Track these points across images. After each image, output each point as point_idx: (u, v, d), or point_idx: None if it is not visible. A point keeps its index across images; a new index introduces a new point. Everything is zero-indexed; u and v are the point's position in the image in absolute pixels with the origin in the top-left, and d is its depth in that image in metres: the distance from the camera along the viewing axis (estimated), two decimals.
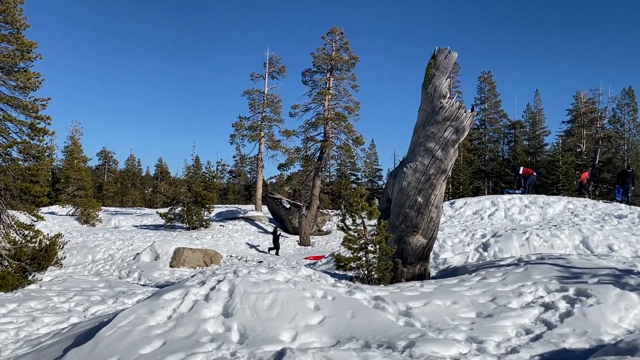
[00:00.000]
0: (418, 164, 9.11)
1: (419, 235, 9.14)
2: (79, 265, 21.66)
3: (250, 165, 65.49)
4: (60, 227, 29.52)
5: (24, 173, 20.18)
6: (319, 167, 31.72)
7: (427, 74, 9.24)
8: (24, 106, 20.04)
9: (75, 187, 42.35)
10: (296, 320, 6.43)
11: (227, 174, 75.27)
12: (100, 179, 63.15)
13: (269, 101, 39.30)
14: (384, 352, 5.32)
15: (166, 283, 17.20)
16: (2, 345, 8.52)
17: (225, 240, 28.00)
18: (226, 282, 7.36)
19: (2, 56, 19.65)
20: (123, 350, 5.93)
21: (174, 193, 33.63)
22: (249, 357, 5.44)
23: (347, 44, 33.22)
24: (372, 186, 58.83)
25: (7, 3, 19.54)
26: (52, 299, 12.65)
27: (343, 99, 33.07)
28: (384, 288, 8.16)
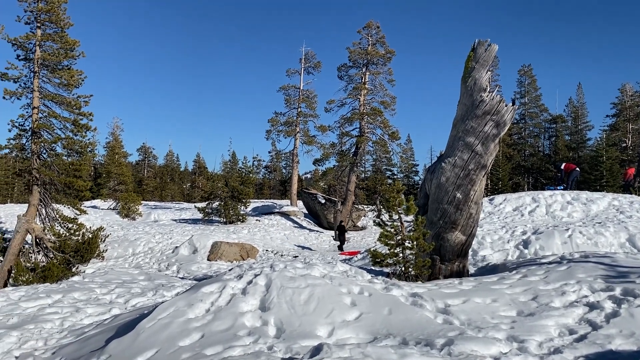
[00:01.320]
0: (457, 159, 8.94)
1: (458, 231, 8.98)
2: (120, 258, 22.22)
3: (286, 161, 65.90)
4: (102, 221, 30.36)
5: (68, 168, 20.84)
6: (354, 162, 31.61)
7: (466, 67, 9.05)
8: (68, 103, 20.68)
9: (116, 182, 43.51)
10: (332, 315, 6.41)
11: (262, 169, 75.95)
12: (141, 174, 64.65)
13: (305, 96, 39.35)
14: (422, 350, 5.24)
15: (204, 276, 17.47)
16: (48, 334, 8.81)
17: (261, 235, 28.25)
18: (263, 276, 7.40)
19: (47, 54, 20.29)
20: (163, 342, 6.03)
21: (211, 188, 34.14)
22: (286, 351, 5.46)
23: (383, 38, 32.96)
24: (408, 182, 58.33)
25: (51, 3, 20.15)
26: (95, 291, 13.00)
27: (379, 93, 32.85)
28: (421, 285, 8.05)
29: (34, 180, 19.74)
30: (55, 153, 21.00)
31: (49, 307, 11.08)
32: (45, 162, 20.31)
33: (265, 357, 5.07)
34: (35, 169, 19.71)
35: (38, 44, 20.20)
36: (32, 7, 20.07)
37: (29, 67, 20.45)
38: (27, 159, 20.79)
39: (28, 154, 20.63)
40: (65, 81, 20.45)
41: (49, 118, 20.65)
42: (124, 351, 6.07)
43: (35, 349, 7.91)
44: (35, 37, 20.09)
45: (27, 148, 20.67)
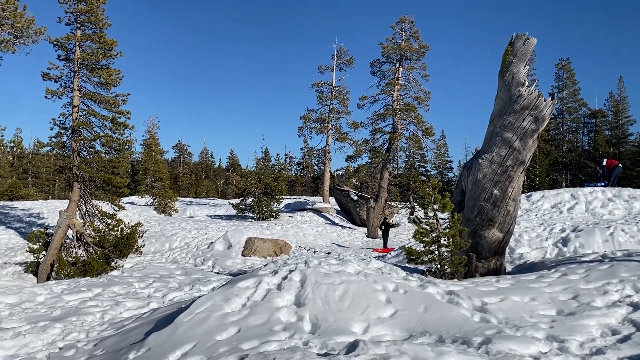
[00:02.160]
0: (494, 155, 8.78)
1: (495, 229, 8.83)
2: (157, 253, 22.67)
3: (318, 158, 65.92)
4: (139, 217, 31.04)
5: (107, 165, 21.40)
6: (387, 159, 31.39)
7: (504, 61, 8.87)
8: (106, 101, 21.21)
9: (153, 179, 44.41)
10: (367, 312, 6.39)
11: (294, 166, 76.26)
12: (176, 171, 65.80)
13: (337, 93, 39.30)
14: (458, 348, 5.18)
15: (239, 271, 17.67)
16: (90, 326, 9.07)
17: (294, 231, 28.39)
18: (298, 272, 7.44)
19: (87, 54, 20.85)
20: (200, 336, 6.13)
21: (245, 184, 34.54)
22: (322, 347, 5.47)
23: (417, 33, 32.58)
24: (442, 178, 57.65)
25: (90, 3, 20.67)
26: (133, 285, 13.29)
27: (412, 89, 32.51)
28: (457, 283, 7.96)
29: (75, 177, 20.33)
30: (95, 150, 21.59)
31: (90, 300, 11.39)
32: (85, 160, 20.89)
33: (301, 353, 5.09)
34: (76, 166, 20.29)
35: (78, 44, 20.77)
36: (72, 9, 20.64)
37: (69, 67, 21.07)
38: (68, 156, 21.42)
39: (68, 151, 21.26)
40: (104, 80, 20.98)
41: (88, 116, 21.23)
42: (162, 344, 6.20)
43: (77, 340, 8.15)
44: (75, 37, 20.66)
45: (68, 146, 21.30)
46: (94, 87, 21.39)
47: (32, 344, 8.13)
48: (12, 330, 8.68)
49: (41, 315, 10.10)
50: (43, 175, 59.75)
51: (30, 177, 60.68)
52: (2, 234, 25.98)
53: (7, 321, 9.59)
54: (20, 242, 24.14)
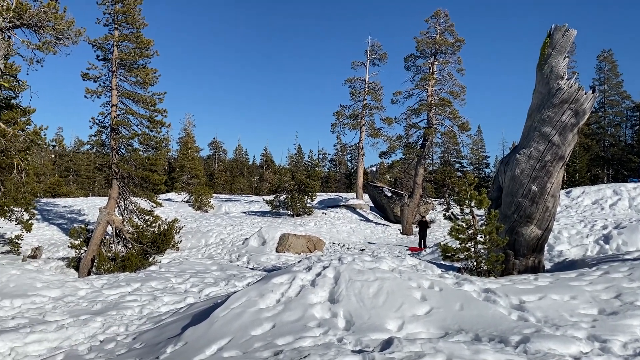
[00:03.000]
0: (532, 150, 8.57)
1: (533, 225, 8.63)
2: (193, 249, 23.05)
3: (351, 154, 65.85)
4: (176, 213, 31.60)
5: (144, 162, 21.85)
6: (421, 154, 31.05)
7: (542, 54, 8.64)
8: (144, 100, 21.65)
9: (189, 176, 45.13)
10: (402, 309, 6.35)
11: (328, 162, 76.35)
12: (212, 168, 66.71)
13: (370, 89, 39.04)
14: (495, 347, 5.09)
15: (273, 267, 17.80)
16: (129, 320, 9.29)
17: (328, 228, 28.40)
18: (331, 269, 7.44)
19: (124, 54, 21.31)
20: (236, 331, 6.20)
21: (278, 181, 34.71)
22: (356, 343, 5.46)
23: (452, 27, 32.05)
24: (478, 174, 56.68)
25: (128, 4, 21.10)
26: (171, 280, 13.54)
27: (448, 83, 32.01)
28: (494, 280, 7.82)
29: (114, 174, 20.84)
30: (133, 148, 22.07)
31: (128, 294, 11.67)
32: (123, 157, 21.39)
33: (335, 349, 5.09)
34: (115, 163, 20.79)
35: (115, 44, 21.25)
36: (110, 10, 21.12)
37: (107, 67, 21.58)
38: (107, 154, 21.97)
39: (107, 149, 21.80)
40: (141, 79, 21.41)
41: (126, 115, 21.72)
42: (199, 339, 6.30)
43: (117, 334, 8.36)
44: (113, 37, 21.14)
45: (107, 144, 21.85)
46: (132, 87, 21.87)
47: (74, 336, 8.38)
48: (56, 323, 8.96)
49: (82, 309, 10.41)
50: (83, 172, 61.52)
51: (71, 175, 62.57)
52: (45, 230, 26.87)
53: (51, 314, 9.92)
54: (63, 238, 24.93)
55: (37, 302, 10.96)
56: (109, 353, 7.13)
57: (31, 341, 8.04)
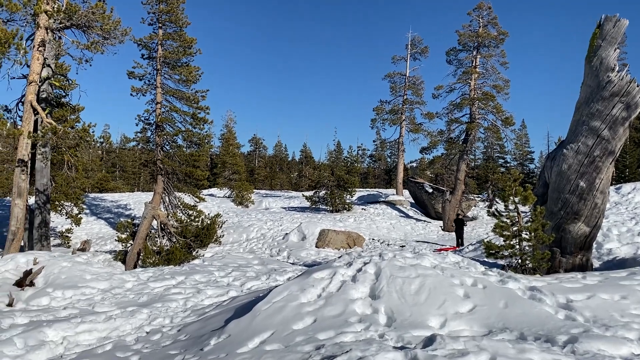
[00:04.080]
0: (580, 144, 8.31)
1: (581, 222, 8.37)
2: (235, 243, 23.43)
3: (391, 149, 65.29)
4: (218, 208, 32.17)
5: (188, 159, 22.34)
6: (464, 150, 30.52)
7: (591, 46, 8.35)
8: (187, 98, 22.11)
9: (230, 172, 45.83)
10: (445, 306, 6.28)
11: (367, 158, 76.03)
12: (252, 164, 67.48)
13: (411, 83, 38.64)
14: (541, 346, 4.97)
15: (313, 262, 17.90)
16: (174, 313, 9.53)
17: (367, 224, 28.33)
18: (372, 265, 7.42)
19: (168, 52, 21.79)
20: (277, 325, 6.27)
21: (318, 177, 34.84)
22: (397, 340, 5.43)
23: (495, 19, 31.34)
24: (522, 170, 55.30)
25: (171, 3, 21.56)
26: (214, 274, 13.79)
27: (491, 77, 31.34)
28: (540, 278, 7.63)
29: (158, 170, 21.37)
30: (177, 145, 22.59)
31: (173, 287, 11.95)
32: (167, 154, 21.91)
33: (377, 345, 5.08)
34: (159, 159, 21.31)
35: (160, 43, 21.75)
36: (154, 9, 21.63)
37: (152, 65, 22.13)
38: (152, 150, 22.56)
39: (153, 146, 22.38)
40: (185, 77, 21.87)
41: (170, 112, 22.22)
42: (242, 332, 6.40)
43: (162, 325, 8.59)
44: (157, 36, 21.64)
45: (152, 140, 22.43)
46: (175, 84, 22.36)
47: (122, 327, 8.66)
48: (104, 314, 9.28)
49: (129, 301, 10.74)
50: (129, 168, 63.29)
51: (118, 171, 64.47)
52: (93, 224, 27.83)
53: (100, 305, 10.28)
54: (110, 232, 25.76)
55: (87, 293, 11.36)
56: (155, 344, 7.34)
57: (82, 331, 8.35)
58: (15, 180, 15.93)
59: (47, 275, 11.94)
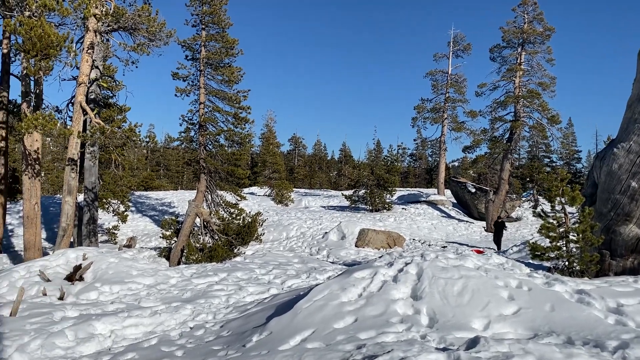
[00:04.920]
0: (632, 143, 7.99)
1: (632, 224, 8.05)
2: (275, 241, 23.63)
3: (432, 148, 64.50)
4: (259, 206, 32.53)
5: (230, 158, 22.67)
6: (508, 149, 29.83)
7: None
8: (229, 98, 22.43)
9: (270, 170, 46.29)
10: (488, 308, 6.17)
11: (407, 157, 75.36)
12: (292, 163, 67.94)
13: (453, 81, 38.07)
14: (590, 351, 4.82)
15: (353, 262, 17.87)
16: (216, 309, 9.70)
17: (408, 224, 28.07)
18: (414, 265, 7.36)
19: (211, 53, 22.15)
20: (318, 323, 6.30)
21: (357, 176, 34.74)
22: (440, 341, 5.38)
23: (541, 15, 30.47)
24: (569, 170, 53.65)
25: (214, 5, 21.92)
26: (255, 271, 13.97)
27: (536, 74, 30.50)
28: (588, 281, 7.39)
29: (201, 169, 21.78)
30: (219, 144, 22.97)
31: (216, 284, 12.17)
32: (210, 153, 22.29)
33: (419, 346, 5.03)
34: (202, 158, 21.72)
35: (203, 44, 22.14)
36: (197, 11, 22.04)
37: (195, 66, 22.54)
38: (195, 150, 23.00)
39: (196, 145, 22.81)
40: (227, 78, 22.19)
41: (213, 112, 22.60)
42: (283, 329, 6.46)
43: (206, 321, 8.76)
44: (201, 38, 22.04)
45: (195, 140, 22.86)
46: (218, 85, 22.72)
47: (166, 322, 8.88)
48: (150, 309, 9.53)
49: (174, 297, 11.00)
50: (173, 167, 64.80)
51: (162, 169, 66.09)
52: (139, 221, 28.62)
53: (146, 300, 10.57)
54: (155, 229, 26.43)
55: (133, 288, 11.69)
56: (198, 339, 7.49)
57: (128, 325, 8.60)
58: (66, 178, 16.54)
59: (95, 270, 12.36)
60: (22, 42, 14.62)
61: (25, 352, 7.15)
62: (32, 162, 16.92)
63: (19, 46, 15.40)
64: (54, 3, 15.39)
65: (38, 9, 15.23)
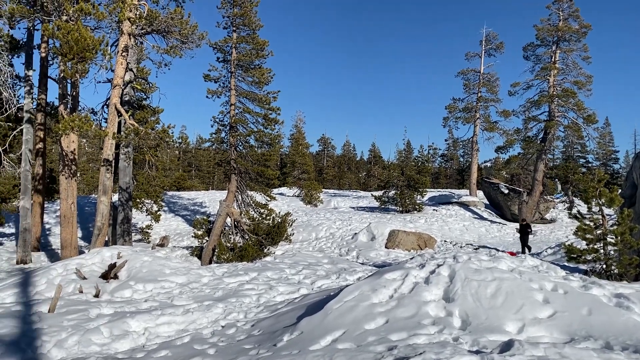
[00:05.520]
0: None
1: None
2: (304, 242, 23.69)
3: (464, 149, 63.71)
4: (288, 207, 32.68)
5: (259, 158, 22.86)
6: (542, 149, 29.20)
7: None
8: (259, 99, 22.61)
9: (299, 171, 46.50)
10: (522, 311, 6.06)
11: (438, 157, 74.61)
12: (321, 163, 68.05)
13: (485, 80, 37.47)
14: (630, 357, 4.69)
15: (383, 263, 17.78)
16: (247, 308, 9.79)
17: (439, 225, 27.77)
18: (446, 267, 7.28)
19: (242, 55, 22.37)
20: (349, 324, 6.29)
21: (387, 177, 34.54)
22: (473, 344, 5.30)
23: (577, 12, 29.74)
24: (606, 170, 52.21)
25: (245, 7, 22.13)
26: (285, 271, 14.03)
27: (572, 73, 29.77)
28: (627, 285, 7.18)
29: (232, 169, 22.01)
30: (249, 145, 23.17)
31: (246, 283, 12.28)
32: (240, 153, 22.51)
33: (451, 348, 4.97)
34: (233, 159, 21.95)
35: (234, 46, 22.37)
36: (228, 13, 22.28)
37: (226, 68, 22.80)
38: (226, 150, 23.26)
39: (226, 146, 23.07)
40: (257, 79, 22.37)
41: (243, 113, 22.82)
42: (314, 329, 6.47)
43: (237, 320, 8.84)
44: (231, 40, 22.28)
45: (226, 141, 23.12)
46: (248, 86, 22.91)
47: (198, 320, 9.00)
48: (183, 307, 9.68)
49: (206, 295, 11.13)
50: (204, 168, 65.69)
51: (194, 170, 67.06)
52: (171, 220, 29.11)
53: (178, 299, 10.73)
54: (187, 228, 26.84)
55: (166, 287, 11.89)
56: (230, 338, 7.57)
57: (162, 323, 8.76)
58: (101, 178, 16.94)
59: (129, 268, 12.61)
60: (59, 46, 15.03)
61: (63, 347, 7.35)
62: (68, 162, 17.38)
63: (56, 50, 15.86)
64: (90, 7, 15.79)
65: (75, 13, 15.64)
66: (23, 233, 18.95)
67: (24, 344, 7.35)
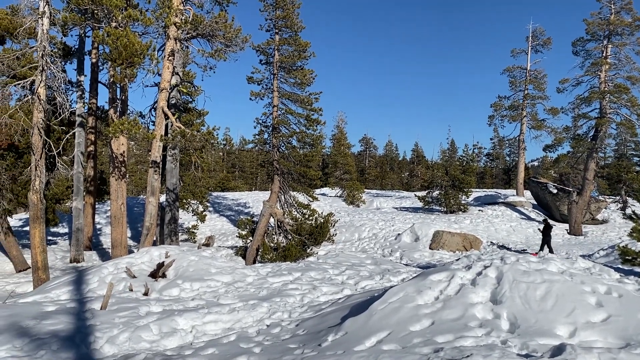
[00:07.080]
0: None
1: None
2: (347, 242, 23.68)
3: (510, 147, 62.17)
4: (330, 207, 32.74)
5: (302, 159, 23.01)
6: (593, 147, 28.17)
7: None
8: (301, 100, 22.76)
9: (341, 171, 46.51)
10: (574, 315, 5.86)
11: (483, 157, 73.16)
12: (362, 164, 67.84)
13: (532, 77, 36.48)
14: None
15: (427, 264, 17.57)
16: (291, 307, 9.86)
17: (485, 226, 27.23)
18: (493, 268, 7.13)
19: (284, 57, 22.58)
20: (394, 325, 6.25)
21: (431, 177, 34.15)
22: (522, 347, 5.18)
23: (629, 4, 28.50)
24: None
25: (287, 9, 22.31)
26: (328, 271, 14.06)
27: (625, 67, 28.54)
28: None
29: (275, 170, 22.24)
30: (292, 146, 23.36)
31: (290, 283, 12.36)
32: (283, 154, 22.72)
33: (499, 351, 4.87)
34: (276, 160, 22.18)
35: (276, 48, 22.60)
36: (271, 15, 22.53)
37: (269, 70, 23.07)
38: (268, 151, 23.53)
39: (269, 147, 23.34)
40: (299, 80, 22.53)
41: (286, 115, 23.03)
42: (358, 330, 6.46)
43: (281, 319, 8.92)
44: (274, 42, 22.51)
45: (268, 142, 23.39)
46: (290, 88, 23.11)
47: (244, 319, 9.13)
48: (228, 306, 9.83)
49: (251, 295, 11.28)
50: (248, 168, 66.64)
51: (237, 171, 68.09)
52: (216, 220, 29.66)
53: (224, 298, 10.91)
54: (231, 228, 27.29)
55: (212, 286, 12.11)
56: (275, 337, 7.64)
57: (208, 321, 8.92)
58: (149, 179, 17.42)
59: (177, 268, 12.92)
60: (109, 52, 15.55)
61: (114, 343, 7.60)
62: (118, 164, 17.96)
63: (106, 55, 16.41)
64: (137, 14, 16.28)
65: (123, 19, 16.15)
66: (76, 233, 19.72)
67: (78, 339, 7.64)
